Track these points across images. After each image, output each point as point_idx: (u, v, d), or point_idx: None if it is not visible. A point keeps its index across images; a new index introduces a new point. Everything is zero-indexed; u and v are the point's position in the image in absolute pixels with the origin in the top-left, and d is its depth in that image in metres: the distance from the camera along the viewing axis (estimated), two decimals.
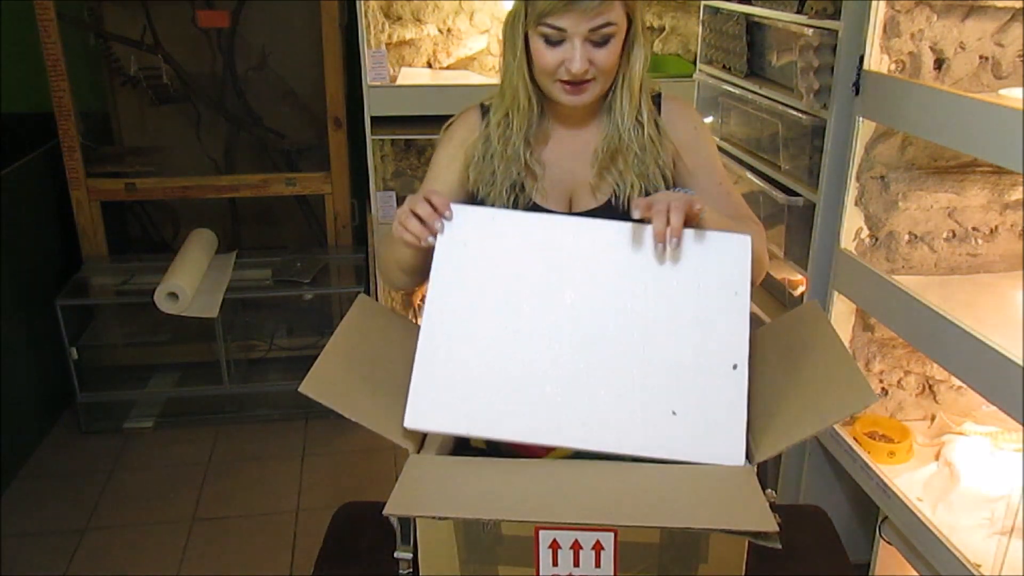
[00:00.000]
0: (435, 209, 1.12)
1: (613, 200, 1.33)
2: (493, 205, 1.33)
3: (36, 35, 2.77)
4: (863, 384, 0.96)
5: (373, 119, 2.79)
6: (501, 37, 1.30)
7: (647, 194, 1.32)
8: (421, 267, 1.28)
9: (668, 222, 1.07)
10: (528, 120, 1.30)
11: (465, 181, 1.37)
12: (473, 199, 1.37)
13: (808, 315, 1.14)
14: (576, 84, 1.23)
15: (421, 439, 1.01)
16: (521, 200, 1.33)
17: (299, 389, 0.97)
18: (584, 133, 1.35)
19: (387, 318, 1.20)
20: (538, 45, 1.21)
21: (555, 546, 0.87)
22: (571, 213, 1.34)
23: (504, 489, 0.89)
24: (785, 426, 0.97)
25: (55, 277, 2.92)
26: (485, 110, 1.38)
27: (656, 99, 1.36)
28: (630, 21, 1.24)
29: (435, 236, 1.12)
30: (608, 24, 1.19)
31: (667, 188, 1.35)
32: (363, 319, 1.13)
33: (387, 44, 3.08)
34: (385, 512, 0.85)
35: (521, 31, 1.23)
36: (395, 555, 0.99)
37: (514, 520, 0.86)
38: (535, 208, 1.33)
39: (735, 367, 1.00)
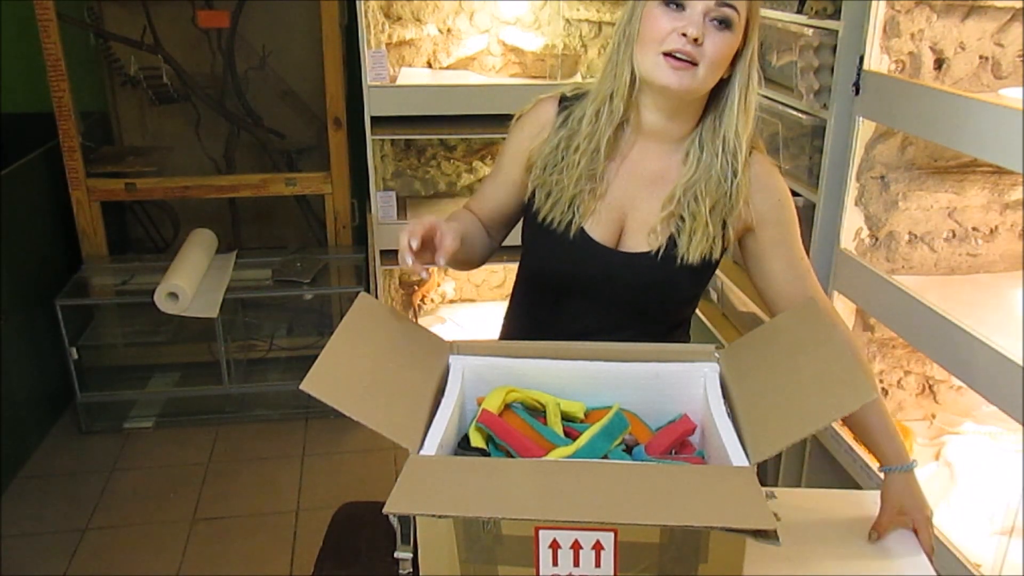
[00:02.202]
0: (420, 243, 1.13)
1: (663, 248, 1.26)
2: (546, 219, 1.30)
3: (36, 35, 2.77)
4: (862, 381, 0.95)
5: (373, 119, 2.79)
6: (617, 25, 1.24)
7: (702, 256, 1.26)
8: (463, 255, 1.30)
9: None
10: (622, 106, 1.23)
11: (523, 184, 1.34)
12: (528, 205, 1.34)
13: (806, 313, 1.14)
14: (681, 60, 1.15)
15: (421, 439, 1.01)
16: (572, 225, 1.28)
17: (300, 387, 0.97)
18: (660, 161, 1.29)
19: (389, 316, 1.19)
20: (653, 13, 1.16)
21: (555, 546, 0.87)
22: (617, 250, 1.30)
23: (504, 488, 0.89)
24: (784, 425, 0.97)
25: (55, 277, 2.92)
26: (565, 104, 1.32)
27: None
28: (747, 38, 1.20)
29: (426, 272, 1.15)
30: (733, 8, 1.14)
31: (721, 251, 1.29)
32: (364, 317, 1.13)
33: (387, 44, 3.08)
34: (385, 510, 0.85)
35: (640, 10, 1.18)
36: (395, 555, 0.99)
37: (514, 519, 0.86)
38: (581, 235, 1.28)
39: None
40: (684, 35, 1.14)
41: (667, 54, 1.16)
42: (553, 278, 1.36)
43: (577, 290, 1.35)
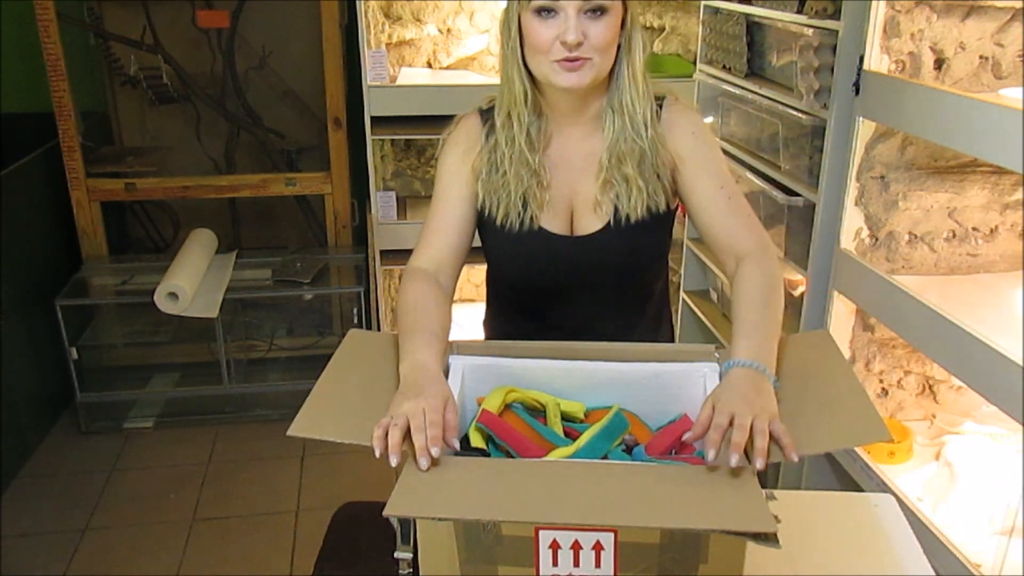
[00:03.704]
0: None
1: (612, 221, 1.29)
2: (504, 224, 1.30)
3: (36, 35, 2.77)
4: (876, 419, 0.96)
5: (373, 119, 2.79)
6: (499, 34, 1.28)
7: (649, 210, 1.28)
8: None
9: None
10: (525, 112, 1.27)
11: (473, 197, 1.33)
12: (480, 215, 1.34)
13: (820, 342, 1.15)
14: (572, 61, 1.18)
15: None
16: (525, 221, 1.29)
17: (288, 433, 0.96)
18: (587, 142, 1.31)
19: (382, 345, 1.17)
20: (532, 24, 1.19)
21: (555, 546, 0.87)
22: (574, 236, 1.32)
23: (504, 489, 0.89)
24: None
25: (55, 277, 2.92)
26: (485, 116, 1.34)
27: (657, 100, 1.31)
28: (626, 7, 1.22)
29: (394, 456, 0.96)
30: None
31: (668, 205, 1.30)
32: (354, 353, 1.12)
33: (387, 44, 3.08)
34: (385, 513, 0.85)
35: (515, 16, 1.21)
36: (395, 555, 0.99)
37: (514, 521, 0.86)
38: (542, 232, 1.30)
39: None
40: (565, 42, 1.16)
41: (557, 60, 1.19)
42: (521, 280, 1.37)
43: (548, 286, 1.36)
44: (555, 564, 0.87)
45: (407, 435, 0.96)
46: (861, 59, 1.75)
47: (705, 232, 1.30)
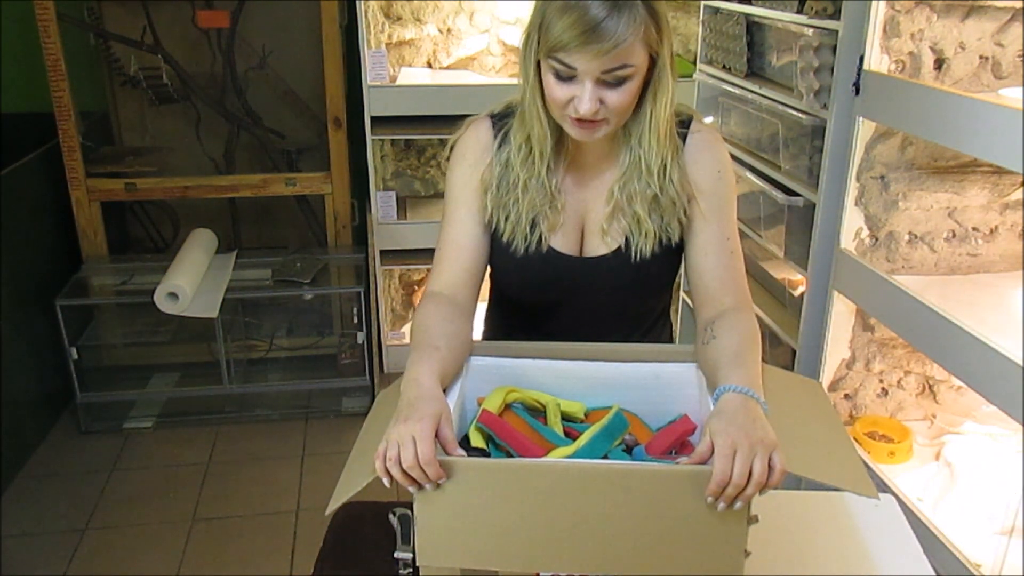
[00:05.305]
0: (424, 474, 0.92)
1: (623, 247, 1.27)
2: (511, 241, 1.28)
3: (36, 35, 2.77)
4: (865, 477, 0.96)
5: (373, 119, 2.79)
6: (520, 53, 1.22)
7: (660, 242, 1.26)
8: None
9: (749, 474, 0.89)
10: (545, 146, 1.24)
11: (483, 211, 1.29)
12: (490, 228, 1.31)
13: (809, 388, 1.16)
14: (585, 122, 1.15)
15: None
16: (533, 243, 1.27)
17: (327, 513, 0.98)
18: (603, 165, 1.28)
19: None
20: (548, 78, 1.15)
21: None
22: (582, 256, 1.30)
23: (505, 535, 0.92)
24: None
25: (55, 277, 2.92)
26: (498, 123, 1.31)
27: (683, 124, 1.26)
28: (654, 60, 1.15)
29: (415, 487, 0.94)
30: (624, 67, 1.11)
31: (680, 239, 1.28)
32: (383, 413, 1.12)
33: (387, 44, 3.08)
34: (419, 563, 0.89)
35: (533, 57, 1.17)
36: (395, 555, 0.99)
37: (515, 572, 0.91)
38: (550, 252, 1.28)
39: None
40: (578, 110, 1.13)
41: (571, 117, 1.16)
42: (525, 296, 1.35)
43: (550, 303, 1.35)
44: None
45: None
46: (861, 59, 1.75)
47: (695, 275, 1.27)
